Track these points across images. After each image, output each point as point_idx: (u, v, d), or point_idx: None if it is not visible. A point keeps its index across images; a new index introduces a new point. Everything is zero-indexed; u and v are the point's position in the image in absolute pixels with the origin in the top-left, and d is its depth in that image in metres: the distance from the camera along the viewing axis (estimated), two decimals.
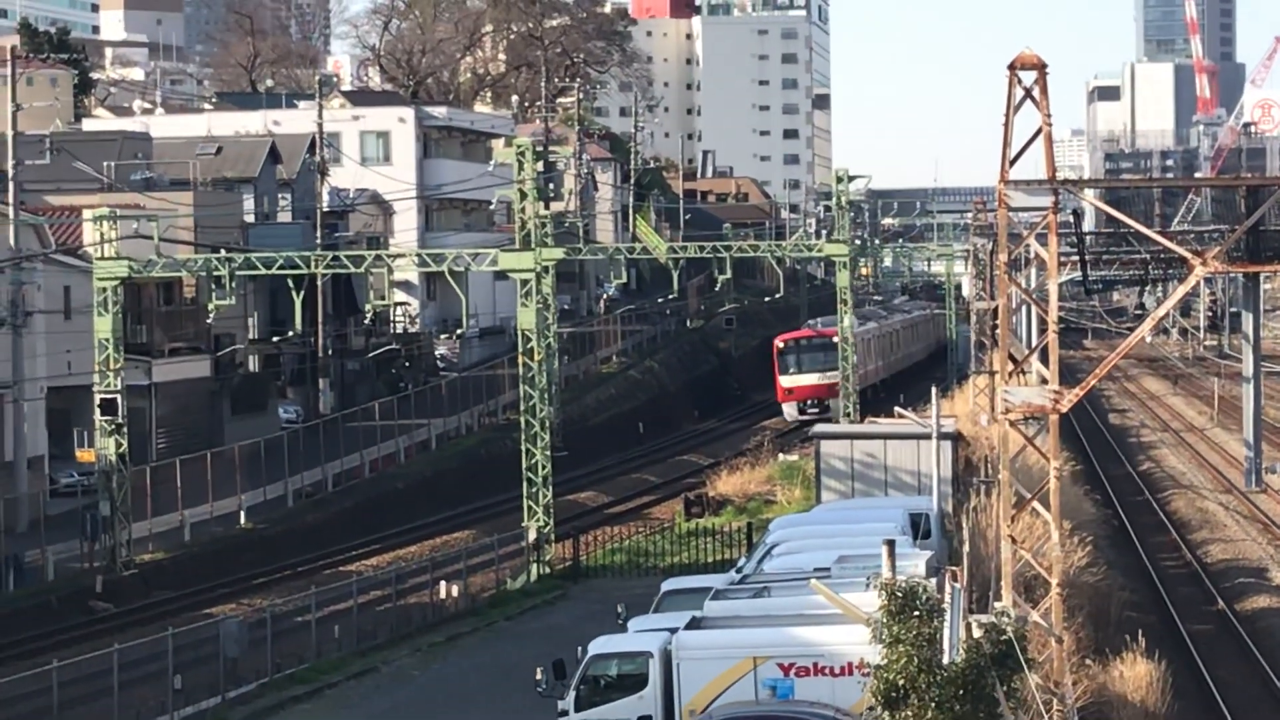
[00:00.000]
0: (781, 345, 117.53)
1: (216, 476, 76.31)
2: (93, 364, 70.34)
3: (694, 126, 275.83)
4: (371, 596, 62.07)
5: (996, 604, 33.32)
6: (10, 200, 73.04)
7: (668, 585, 50.10)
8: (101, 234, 72.64)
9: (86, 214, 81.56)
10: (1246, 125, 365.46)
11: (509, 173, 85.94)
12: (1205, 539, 74.47)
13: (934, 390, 66.18)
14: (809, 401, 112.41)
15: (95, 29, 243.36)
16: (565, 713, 39.49)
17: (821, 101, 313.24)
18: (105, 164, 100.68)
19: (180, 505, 73.93)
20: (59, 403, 77.86)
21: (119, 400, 69.26)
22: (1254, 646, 54.27)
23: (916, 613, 25.23)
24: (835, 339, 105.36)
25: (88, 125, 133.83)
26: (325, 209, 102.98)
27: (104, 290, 69.67)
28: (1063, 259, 44.30)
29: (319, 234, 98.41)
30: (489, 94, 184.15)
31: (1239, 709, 47.01)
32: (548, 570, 68.16)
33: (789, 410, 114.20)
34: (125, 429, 69.52)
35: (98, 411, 69.71)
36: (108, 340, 69.24)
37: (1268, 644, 54.55)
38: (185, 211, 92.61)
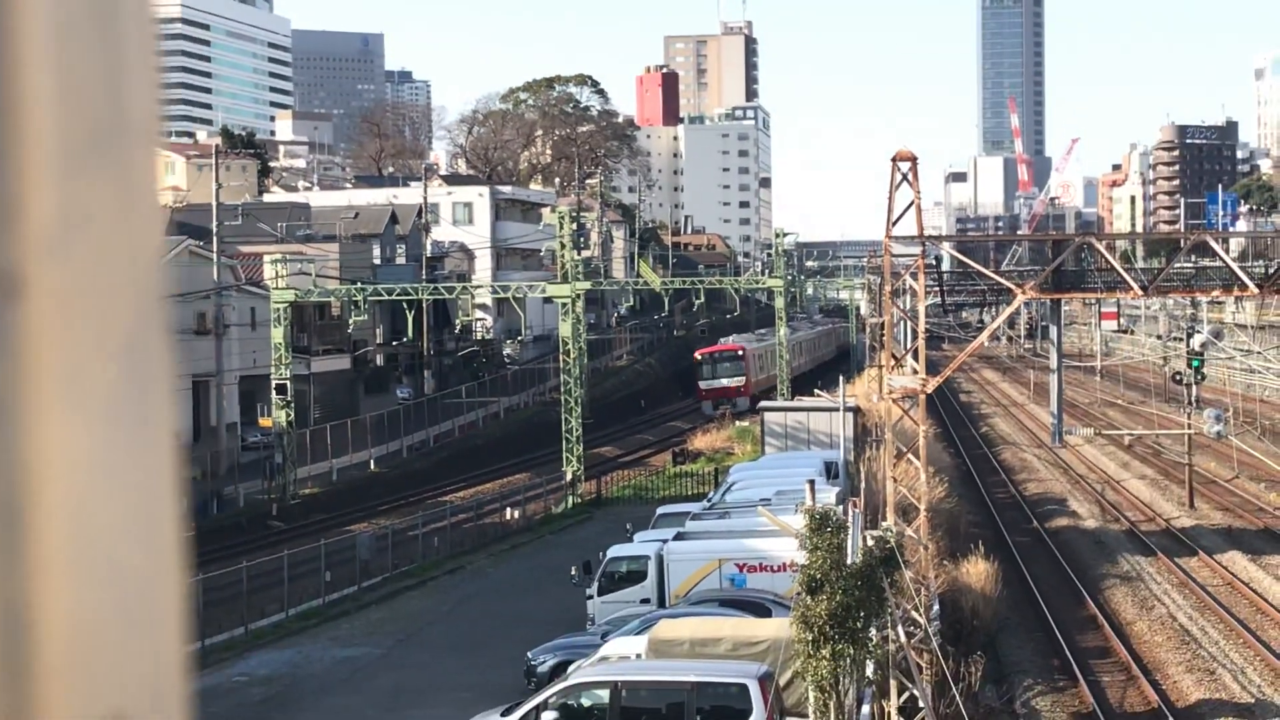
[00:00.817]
0: (700, 357, 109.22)
1: (354, 436, 76.40)
2: (270, 360, 70.39)
3: (679, 199, 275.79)
4: (459, 518, 62.15)
5: (883, 523, 33.31)
6: (215, 249, 73.11)
7: (661, 510, 50.20)
8: (276, 272, 72.71)
9: (266, 258, 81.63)
10: (1053, 199, 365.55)
11: (554, 230, 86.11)
12: (1024, 479, 74.55)
13: (840, 378, 66.27)
14: (720, 400, 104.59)
15: (273, 132, 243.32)
16: (591, 597, 39.63)
17: (765, 182, 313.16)
18: (279, 224, 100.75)
19: (330, 456, 74.00)
20: (247, 386, 77.96)
21: (288, 385, 69.32)
22: (1056, 551, 54.37)
23: (829, 529, 25.21)
24: (740, 352, 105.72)
25: (267, 198, 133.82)
26: (428, 255, 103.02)
27: (278, 310, 69.67)
28: (928, 289, 44.23)
29: (424, 272, 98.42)
30: (540, 177, 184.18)
31: (1046, 592, 47.10)
32: (579, 500, 68.27)
33: (706, 407, 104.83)
34: (292, 404, 69.57)
35: (273, 392, 69.77)
36: (280, 344, 69.26)
37: (1065, 550, 54.64)
38: (333, 257, 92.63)
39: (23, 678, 0.69)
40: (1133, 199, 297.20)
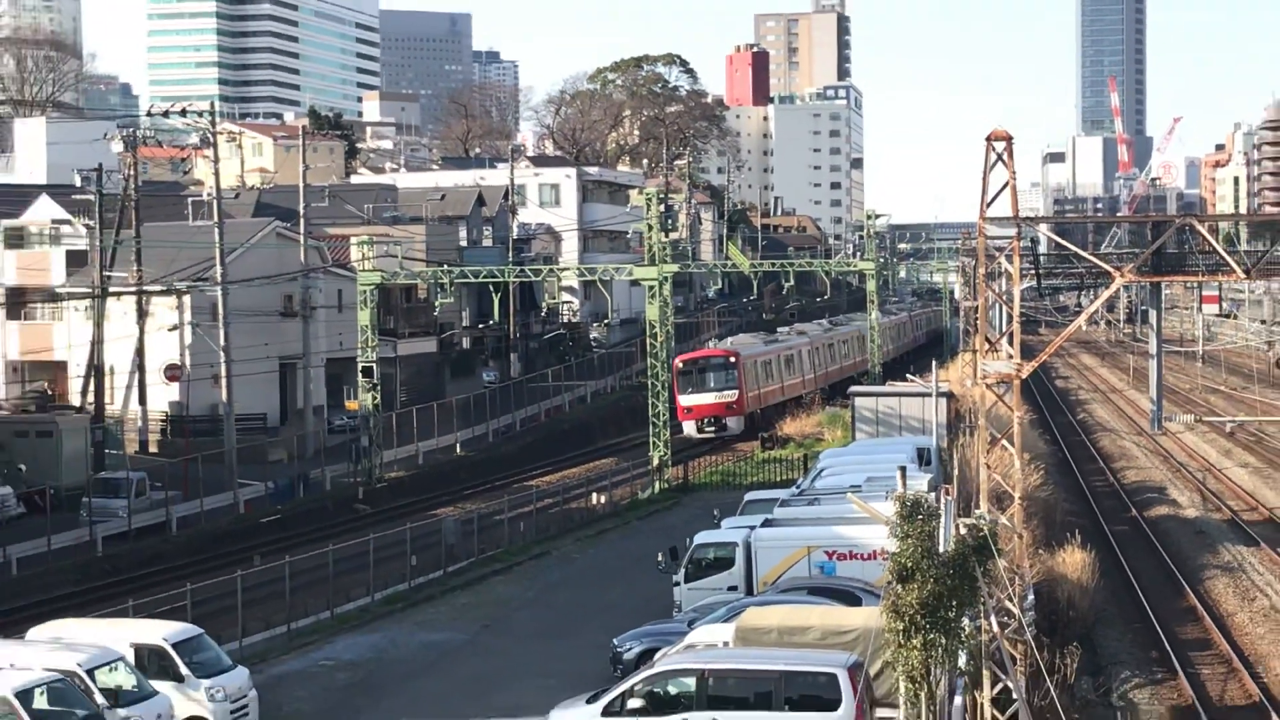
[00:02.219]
0: (680, 365, 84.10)
1: (440, 419, 76.73)
2: (356, 342, 70.82)
3: (768, 180, 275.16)
4: (545, 503, 62.24)
5: (976, 511, 33.08)
6: (302, 231, 73.64)
7: (749, 496, 50.11)
8: (363, 254, 73.07)
9: (353, 240, 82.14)
10: (1153, 180, 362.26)
11: (641, 212, 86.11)
12: (1122, 466, 73.95)
13: (934, 363, 65.92)
14: (706, 420, 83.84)
15: (360, 113, 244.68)
16: (678, 583, 39.69)
17: (857, 163, 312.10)
18: (365, 206, 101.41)
19: (415, 439, 74.36)
20: (334, 369, 78.50)
21: (374, 368, 69.73)
22: (1155, 540, 53.91)
23: (921, 516, 25.08)
24: (732, 358, 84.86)
25: (354, 179, 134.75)
26: (515, 237, 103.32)
27: (364, 292, 70.06)
28: (1023, 272, 43.91)
29: (510, 254, 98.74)
30: (627, 158, 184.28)
31: (1145, 582, 46.73)
32: (666, 485, 68.23)
33: (688, 428, 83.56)
34: (378, 387, 69.97)
35: (359, 375, 70.20)
36: (367, 327, 69.66)
37: (1164, 539, 54.18)
38: (419, 239, 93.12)
39: None
40: (1236, 180, 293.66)
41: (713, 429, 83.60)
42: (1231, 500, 62.02)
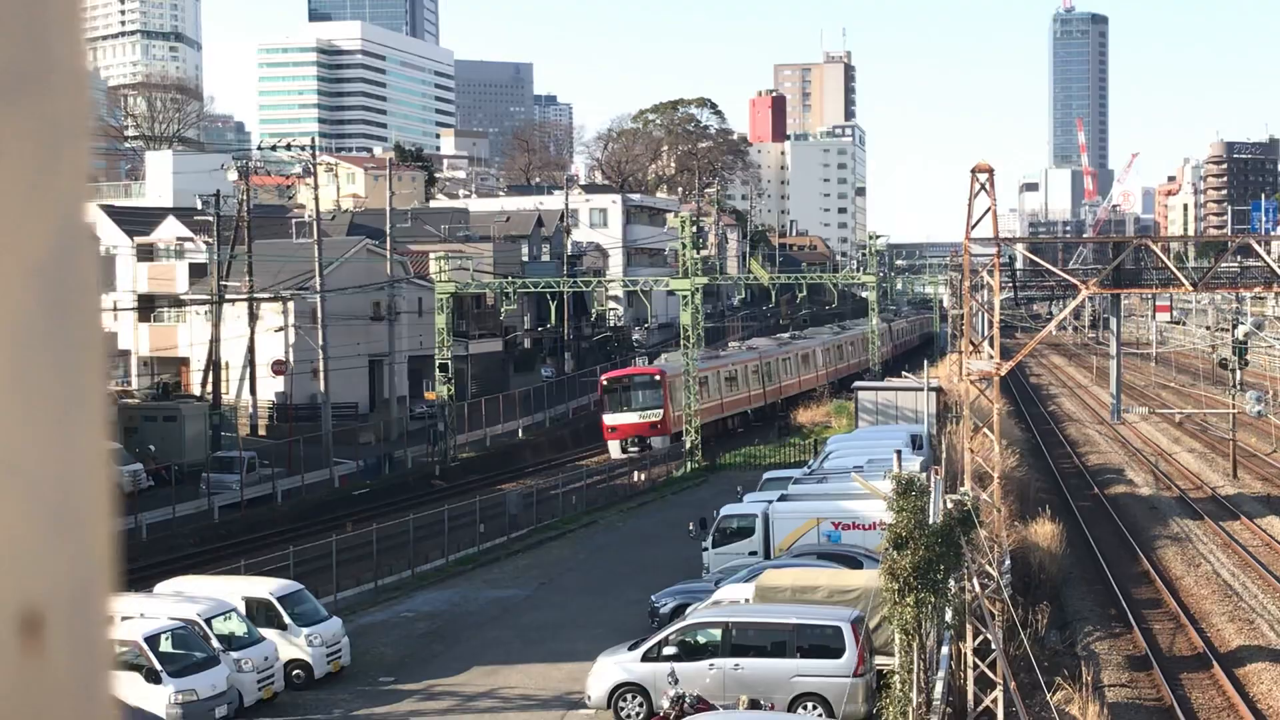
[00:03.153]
0: (605, 383, 72.82)
1: (505, 408, 76.77)
2: (434, 343, 70.96)
3: (785, 205, 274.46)
4: (594, 480, 62.26)
5: (961, 488, 32.97)
6: (388, 247, 73.79)
7: (767, 475, 50.06)
8: (440, 267, 73.25)
9: (431, 256, 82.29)
10: (1115, 206, 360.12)
11: (676, 233, 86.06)
12: (1086, 451, 73.55)
13: (925, 362, 65.74)
14: (630, 440, 71.01)
15: (438, 148, 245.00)
16: (706, 549, 39.66)
17: (860, 191, 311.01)
18: (442, 227, 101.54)
19: (484, 425, 74.42)
20: (415, 365, 78.62)
21: (449, 364, 69.84)
22: (1114, 514, 53.63)
23: (913, 493, 25.01)
24: (657, 376, 72.03)
25: (433, 204, 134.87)
26: (569, 254, 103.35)
27: (441, 300, 70.20)
28: (1002, 285, 43.75)
29: (565, 268, 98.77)
30: (665, 187, 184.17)
31: (1105, 550, 46.49)
32: (696, 465, 68.12)
33: (613, 448, 71.45)
34: (453, 380, 70.07)
35: (437, 370, 70.32)
36: (443, 329, 69.77)
37: (1122, 513, 53.89)
38: (487, 255, 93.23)
39: None
40: (1185, 206, 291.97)
41: (637, 449, 69.91)
42: (1180, 480, 61.65)
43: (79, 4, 0.79)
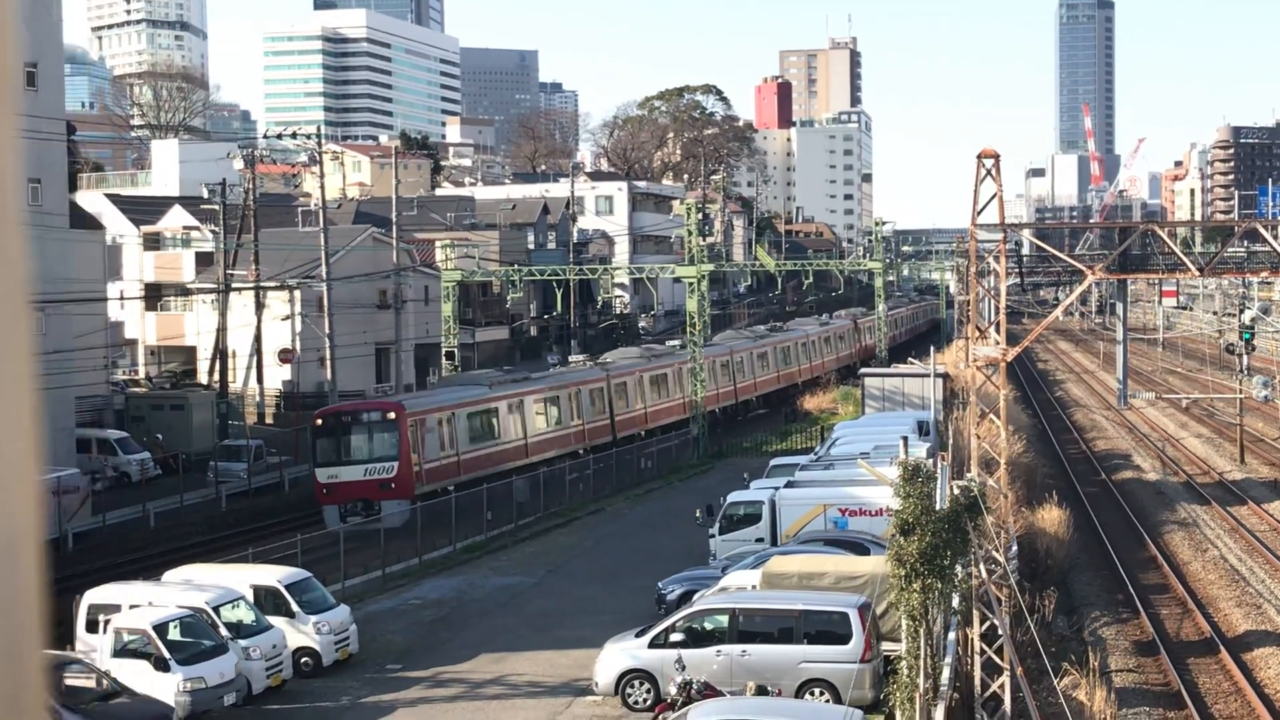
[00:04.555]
0: (319, 424, 50.82)
1: None
2: (440, 330, 70.95)
3: (791, 192, 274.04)
4: (601, 465, 62.24)
5: (967, 474, 32.96)
6: (394, 236, 73.77)
7: (774, 462, 50.08)
8: (446, 255, 73.21)
9: (437, 244, 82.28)
10: (1121, 191, 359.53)
11: (682, 220, 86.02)
12: (1093, 437, 73.53)
13: (931, 349, 65.68)
14: (349, 505, 48.92)
15: (443, 136, 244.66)
16: (713, 535, 39.66)
17: (866, 177, 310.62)
18: (448, 215, 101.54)
19: None
20: (421, 353, 78.60)
21: (456, 351, 69.85)
22: (1121, 500, 53.62)
23: (920, 479, 24.99)
24: (392, 414, 50.09)
25: (439, 192, 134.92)
26: (574, 241, 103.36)
27: (447, 288, 70.20)
28: (1008, 271, 43.70)
29: (571, 255, 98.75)
30: (670, 173, 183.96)
31: (1112, 535, 46.49)
32: (703, 452, 68.15)
33: (329, 515, 48.64)
34: (459, 368, 70.07)
35: (443, 358, 70.34)
36: (449, 317, 69.79)
37: (1129, 499, 53.88)
38: (493, 243, 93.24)
39: None
40: (1192, 191, 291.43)
41: (360, 515, 47.99)
42: (1187, 465, 61.61)
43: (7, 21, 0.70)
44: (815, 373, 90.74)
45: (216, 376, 66.37)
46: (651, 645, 28.30)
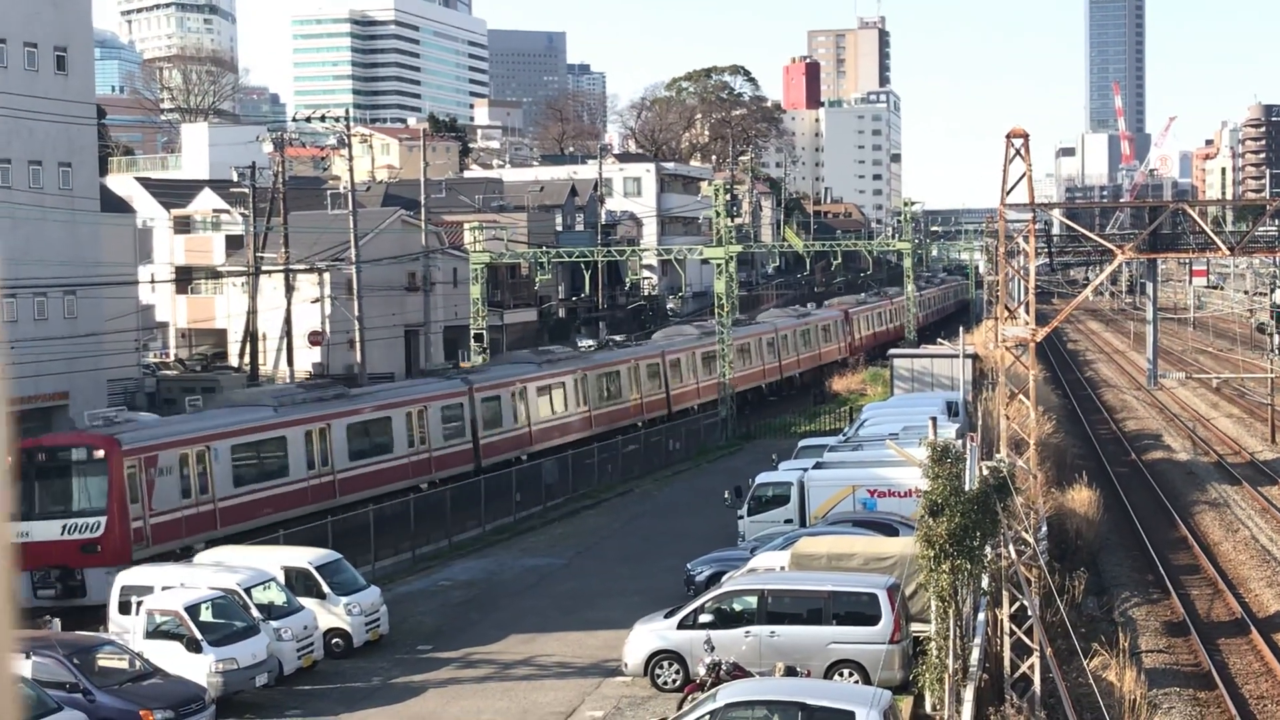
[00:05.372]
0: (16, 461, 34.25)
1: None
2: (469, 312, 71.03)
3: (819, 173, 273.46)
4: (630, 449, 62.24)
5: (997, 455, 32.85)
6: (423, 218, 73.86)
7: (803, 443, 49.98)
8: (474, 237, 73.29)
9: (465, 226, 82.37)
10: (1152, 170, 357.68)
11: (710, 201, 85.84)
12: (1123, 417, 73.26)
13: (961, 329, 65.51)
14: (40, 573, 34.46)
15: (472, 118, 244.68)
16: (741, 517, 39.64)
17: (895, 157, 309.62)
18: (476, 197, 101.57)
19: None
20: (450, 335, 78.73)
21: (484, 333, 69.94)
22: (1152, 480, 53.43)
23: (949, 460, 24.94)
24: (100, 451, 35.93)
25: (467, 174, 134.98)
26: (603, 223, 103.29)
27: (475, 270, 70.26)
28: (1038, 251, 43.58)
29: (599, 237, 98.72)
30: (698, 155, 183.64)
31: (1143, 516, 46.35)
32: (732, 433, 68.11)
33: (21, 584, 33.77)
34: (488, 350, 70.15)
35: (472, 340, 70.43)
36: (478, 299, 69.86)
37: (1160, 479, 53.69)
38: (522, 225, 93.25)
39: None
40: (1223, 170, 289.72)
41: (52, 592, 34.78)
42: (1218, 445, 61.34)
43: None
44: (785, 372, 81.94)
45: (247, 359, 66.61)
46: (680, 626, 28.33)
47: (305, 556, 33.01)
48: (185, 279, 78.19)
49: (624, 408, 63.05)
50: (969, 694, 23.55)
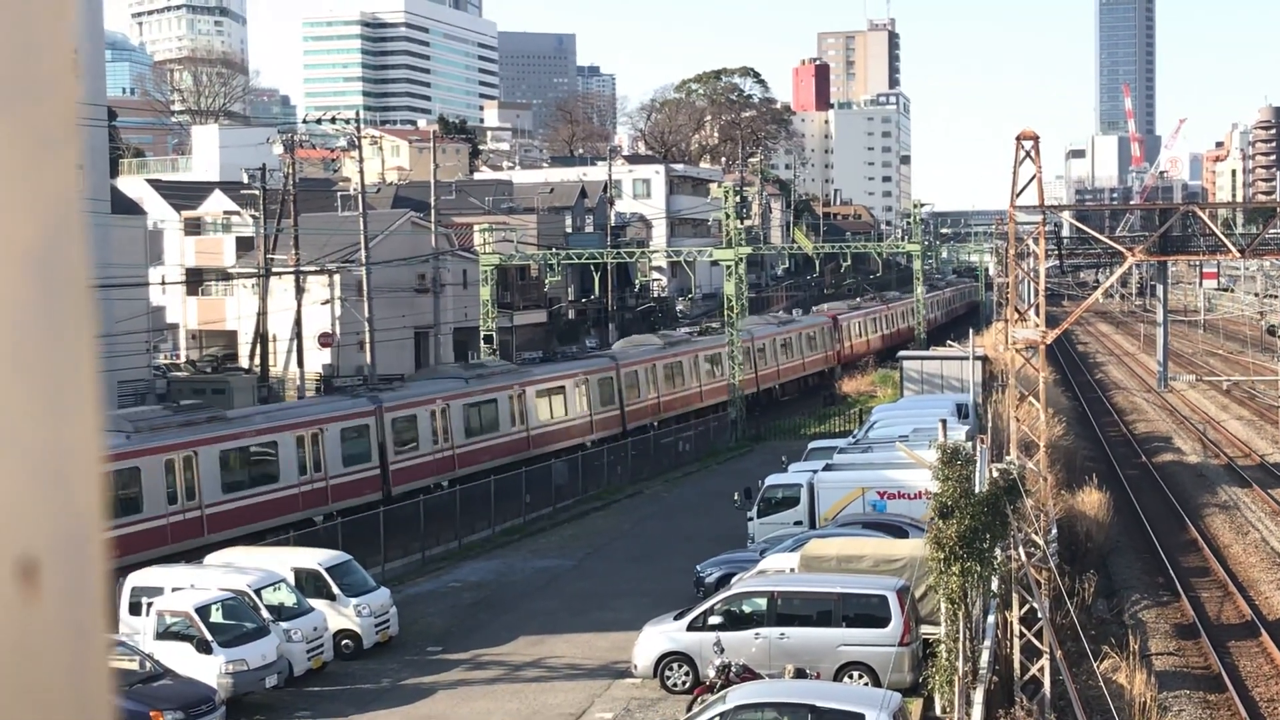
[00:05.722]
0: None
1: None
2: (479, 314, 71.05)
3: (829, 174, 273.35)
4: (639, 450, 62.23)
5: (1007, 457, 32.83)
6: (433, 220, 73.88)
7: (812, 445, 49.97)
8: (484, 239, 73.28)
9: (475, 228, 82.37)
10: (1162, 173, 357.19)
11: (719, 203, 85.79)
12: (1134, 419, 73.12)
13: (971, 331, 65.43)
14: None
15: (481, 120, 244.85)
16: (751, 518, 39.64)
17: (905, 159, 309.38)
18: (486, 199, 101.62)
19: None
20: (460, 337, 78.69)
21: (494, 335, 69.98)
22: (1162, 482, 53.31)
23: (959, 462, 24.92)
24: None
25: (477, 176, 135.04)
26: (612, 225, 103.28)
27: (485, 272, 70.31)
28: (1048, 253, 43.52)
29: (608, 239, 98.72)
30: (708, 157, 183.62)
31: (1153, 518, 46.25)
32: (742, 435, 68.04)
33: None
34: (497, 352, 70.19)
35: (482, 342, 70.46)
36: (487, 301, 69.91)
37: (1170, 481, 53.57)
38: (531, 227, 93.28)
39: None
40: (1233, 172, 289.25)
41: None
42: (1228, 448, 61.20)
43: (66, 22, 0.82)
44: (763, 384, 76.42)
45: (257, 360, 66.70)
46: (690, 628, 28.33)
47: (315, 558, 33.05)
48: (196, 281, 78.32)
49: (566, 426, 57.60)
50: (979, 696, 23.53)
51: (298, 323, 67.99)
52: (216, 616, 28.72)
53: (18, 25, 0.83)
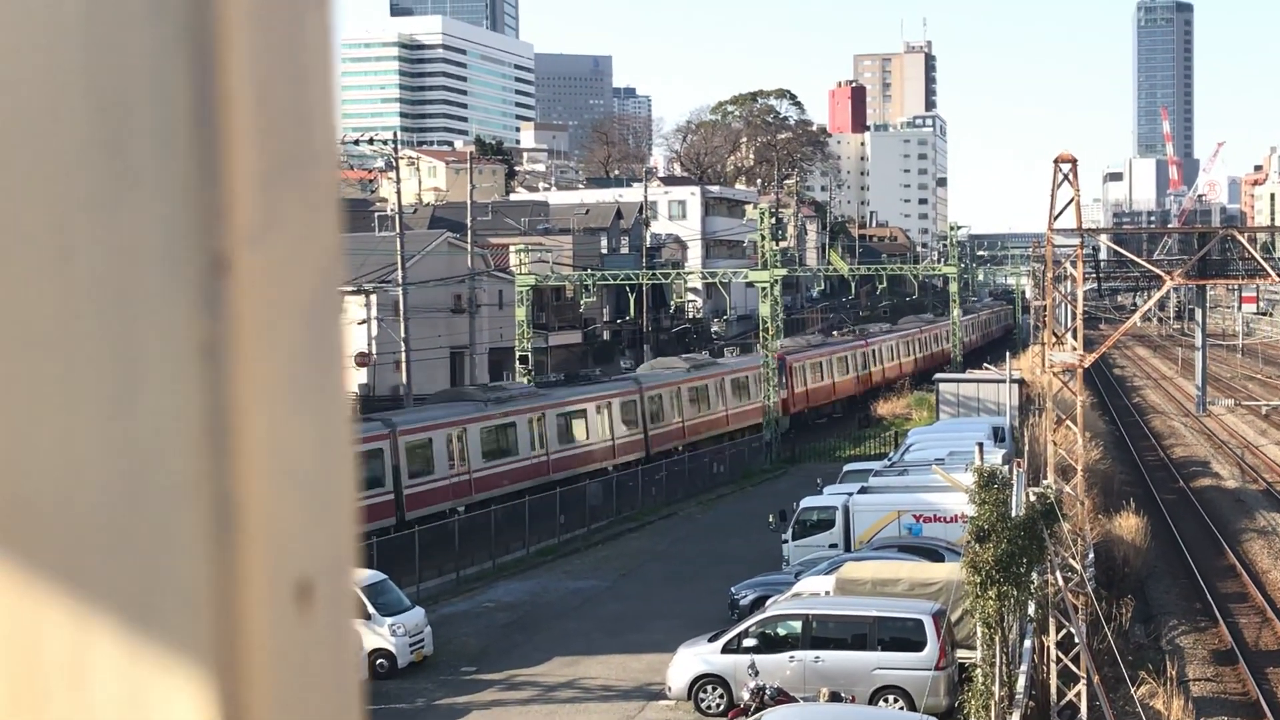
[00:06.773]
0: None
1: None
2: (514, 335, 71.24)
3: (865, 196, 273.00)
4: (674, 470, 62.20)
5: (1044, 481, 32.68)
6: (469, 240, 74.15)
7: (848, 467, 49.88)
8: (520, 260, 73.53)
9: (511, 248, 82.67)
10: (1200, 196, 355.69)
11: (755, 224, 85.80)
12: (1171, 443, 72.72)
13: (1007, 354, 65.23)
14: None
15: (518, 141, 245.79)
16: (786, 541, 39.58)
17: (941, 181, 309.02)
18: (522, 220, 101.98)
19: None
20: (496, 357, 78.88)
21: (529, 355, 70.13)
22: (1200, 507, 53.01)
23: (995, 485, 24.84)
24: None
25: (513, 197, 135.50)
26: (647, 246, 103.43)
27: (521, 292, 70.50)
28: (1086, 276, 43.41)
29: (644, 260, 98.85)
30: (744, 178, 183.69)
31: (1190, 543, 45.97)
32: (777, 457, 67.93)
33: None
34: (533, 372, 70.34)
35: (517, 362, 70.65)
36: (523, 321, 70.10)
37: (1208, 506, 53.25)
38: (567, 247, 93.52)
39: (233, 552, 0.86)
40: (1272, 196, 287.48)
41: None
42: (1267, 473, 60.80)
43: (332, 95, 0.94)
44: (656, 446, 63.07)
45: None
46: (725, 650, 28.29)
47: None
48: None
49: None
50: None
51: None
52: None
53: (296, 99, 0.94)
